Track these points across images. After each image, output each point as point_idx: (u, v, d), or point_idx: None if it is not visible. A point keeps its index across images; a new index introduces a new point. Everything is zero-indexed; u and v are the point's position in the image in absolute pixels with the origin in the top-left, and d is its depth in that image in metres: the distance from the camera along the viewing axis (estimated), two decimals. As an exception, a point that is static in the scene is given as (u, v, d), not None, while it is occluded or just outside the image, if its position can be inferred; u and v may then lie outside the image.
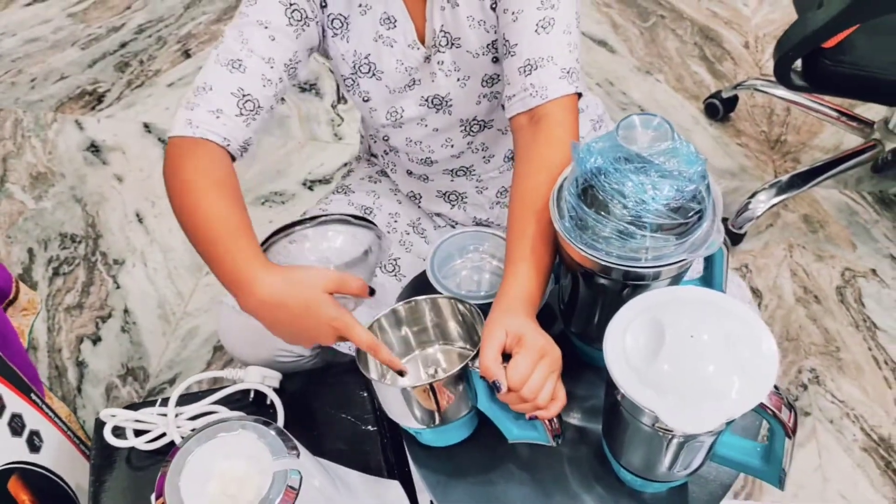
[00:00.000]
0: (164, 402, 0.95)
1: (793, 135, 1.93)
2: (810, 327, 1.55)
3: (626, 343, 0.65)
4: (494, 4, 0.89)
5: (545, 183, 0.77)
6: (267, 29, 0.87)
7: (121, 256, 1.76)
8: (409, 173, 1.11)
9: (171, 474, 0.69)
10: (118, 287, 1.70)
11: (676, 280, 0.74)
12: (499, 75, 0.95)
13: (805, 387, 1.46)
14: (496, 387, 0.70)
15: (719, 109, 1.94)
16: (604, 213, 0.67)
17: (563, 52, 0.84)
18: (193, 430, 0.82)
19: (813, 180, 1.68)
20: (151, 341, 1.60)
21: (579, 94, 0.84)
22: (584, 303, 0.79)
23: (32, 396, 1.10)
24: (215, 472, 0.69)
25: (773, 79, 1.46)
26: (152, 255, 1.75)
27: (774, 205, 1.66)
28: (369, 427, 0.96)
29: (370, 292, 0.82)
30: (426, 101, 0.99)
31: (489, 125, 1.02)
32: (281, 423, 0.93)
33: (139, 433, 0.95)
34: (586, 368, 0.85)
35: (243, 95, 0.86)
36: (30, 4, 2.47)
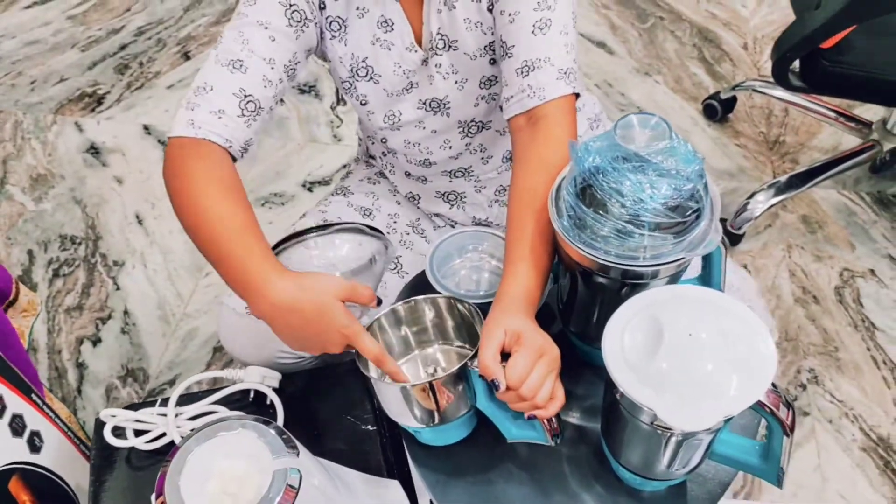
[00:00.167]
0: (164, 402, 0.95)
1: (791, 135, 1.94)
2: (809, 327, 1.55)
3: (624, 342, 0.65)
4: (491, 6, 0.89)
5: (544, 183, 0.77)
6: (267, 29, 0.87)
7: (121, 258, 1.76)
8: (408, 175, 1.12)
9: (171, 474, 0.69)
10: (118, 288, 1.70)
11: (675, 279, 0.74)
12: (496, 77, 0.95)
13: (804, 387, 1.46)
14: (495, 385, 0.70)
15: (718, 110, 1.94)
16: (602, 212, 0.67)
17: (561, 53, 0.84)
18: (193, 429, 0.82)
19: (811, 181, 1.68)
20: (151, 342, 1.60)
21: (577, 94, 0.84)
22: (583, 302, 0.79)
23: (33, 397, 1.10)
24: (215, 471, 0.69)
25: (772, 80, 1.46)
26: (152, 256, 1.76)
27: (773, 205, 1.66)
28: (369, 427, 0.96)
29: (378, 302, 0.82)
30: (424, 103, 0.99)
31: (487, 126, 1.03)
32: (281, 423, 0.93)
33: (139, 433, 0.95)
34: (585, 367, 0.85)
35: (245, 96, 0.86)
36: (30, 7, 2.47)
